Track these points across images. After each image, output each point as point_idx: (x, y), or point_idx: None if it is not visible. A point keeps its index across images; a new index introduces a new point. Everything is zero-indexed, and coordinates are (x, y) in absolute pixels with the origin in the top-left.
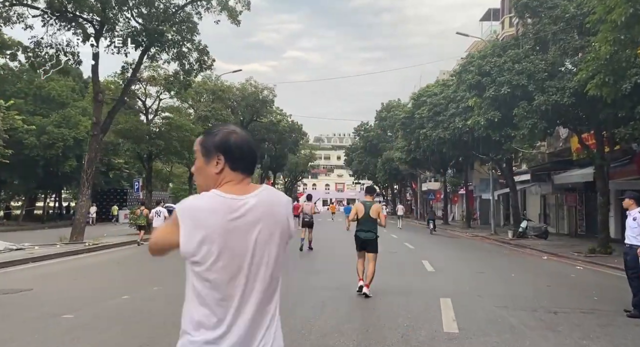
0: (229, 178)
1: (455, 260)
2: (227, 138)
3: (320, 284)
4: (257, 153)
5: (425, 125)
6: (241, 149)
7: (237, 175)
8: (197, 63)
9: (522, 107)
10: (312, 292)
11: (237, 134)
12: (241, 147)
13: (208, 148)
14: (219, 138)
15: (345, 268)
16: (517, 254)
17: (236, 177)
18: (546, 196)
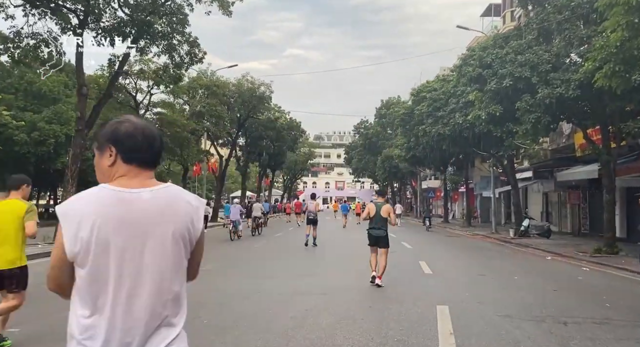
0: (122, 171)
1: (455, 261)
2: (117, 127)
3: (307, 288)
4: (158, 143)
5: (424, 121)
6: (134, 138)
7: (131, 168)
8: (187, 56)
9: (525, 101)
10: (296, 299)
11: (130, 122)
12: (134, 137)
13: (100, 140)
14: (109, 128)
15: (335, 270)
16: (519, 254)
17: (131, 170)
18: (548, 194)
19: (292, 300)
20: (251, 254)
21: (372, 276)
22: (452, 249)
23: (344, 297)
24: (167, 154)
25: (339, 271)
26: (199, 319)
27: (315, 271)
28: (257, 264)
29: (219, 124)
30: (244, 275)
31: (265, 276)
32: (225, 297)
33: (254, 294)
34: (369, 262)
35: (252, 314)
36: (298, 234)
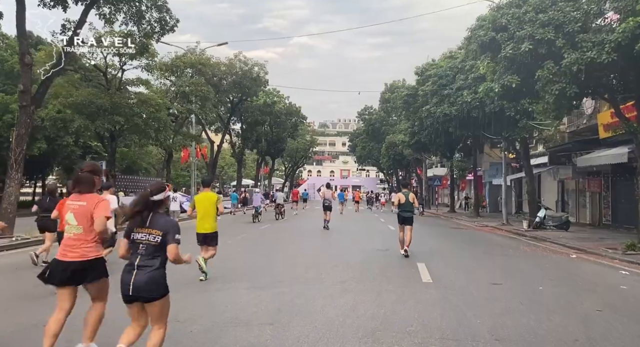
0: None
1: (461, 262)
2: None
3: (255, 312)
4: None
5: (429, 100)
6: None
7: None
8: (157, 24)
9: (547, 69)
10: (228, 334)
11: None
12: None
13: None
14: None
15: (305, 280)
16: (537, 251)
17: None
18: (565, 181)
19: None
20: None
21: (405, 249)
22: (459, 245)
23: (294, 333)
24: (140, 136)
25: (310, 282)
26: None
27: (278, 281)
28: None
29: (206, 105)
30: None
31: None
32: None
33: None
34: (398, 239)
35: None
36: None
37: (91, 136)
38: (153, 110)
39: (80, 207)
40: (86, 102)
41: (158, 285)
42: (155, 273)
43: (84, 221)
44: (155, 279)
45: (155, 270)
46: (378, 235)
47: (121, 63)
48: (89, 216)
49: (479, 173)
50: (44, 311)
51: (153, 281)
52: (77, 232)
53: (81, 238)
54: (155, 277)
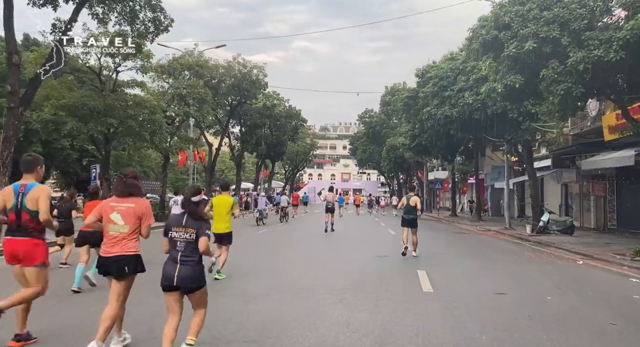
0: None
1: (464, 268)
2: None
3: (239, 329)
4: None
5: (429, 102)
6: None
7: None
8: (151, 24)
9: (552, 68)
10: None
11: None
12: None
13: None
14: None
15: (297, 290)
16: (542, 257)
17: None
18: (568, 185)
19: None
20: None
21: (405, 247)
22: (461, 251)
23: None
24: (134, 138)
25: (301, 295)
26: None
27: (270, 291)
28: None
29: (203, 108)
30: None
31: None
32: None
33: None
34: (402, 238)
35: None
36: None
37: (85, 139)
38: (148, 112)
39: (128, 208)
40: (79, 104)
41: (200, 277)
42: (197, 267)
43: (131, 221)
44: (197, 272)
45: (197, 264)
46: (378, 240)
47: (115, 64)
48: (136, 217)
49: (481, 176)
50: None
51: (196, 274)
52: (122, 230)
53: (125, 236)
54: (198, 270)
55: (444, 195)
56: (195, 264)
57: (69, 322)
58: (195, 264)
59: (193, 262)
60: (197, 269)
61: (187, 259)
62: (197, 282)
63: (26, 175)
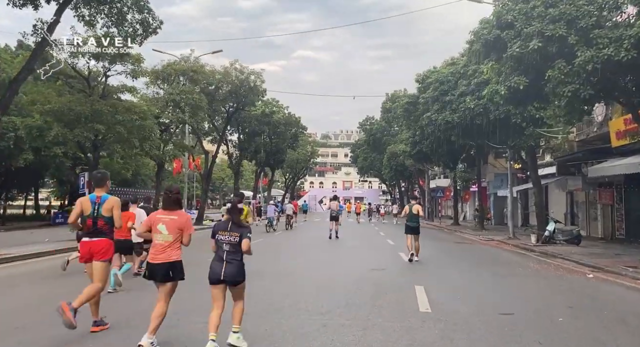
0: None
1: (465, 283)
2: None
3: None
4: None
5: (430, 107)
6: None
7: None
8: (139, 25)
9: (558, 68)
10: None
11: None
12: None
13: None
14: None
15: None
16: (549, 270)
17: None
18: (574, 193)
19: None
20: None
21: (411, 253)
22: (462, 263)
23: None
24: (122, 145)
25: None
26: None
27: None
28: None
29: (198, 114)
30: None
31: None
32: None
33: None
34: (406, 245)
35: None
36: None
37: (72, 145)
38: (137, 117)
39: (172, 220)
40: (64, 110)
41: (241, 273)
42: (240, 264)
43: (174, 231)
44: (240, 269)
45: (240, 262)
46: (375, 251)
47: (104, 69)
48: (178, 228)
49: (483, 184)
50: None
51: (239, 270)
52: (167, 239)
53: (169, 244)
54: (241, 267)
55: (446, 203)
56: (238, 262)
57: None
58: (238, 262)
59: (237, 261)
60: (239, 266)
61: (232, 259)
62: (239, 277)
63: (98, 188)
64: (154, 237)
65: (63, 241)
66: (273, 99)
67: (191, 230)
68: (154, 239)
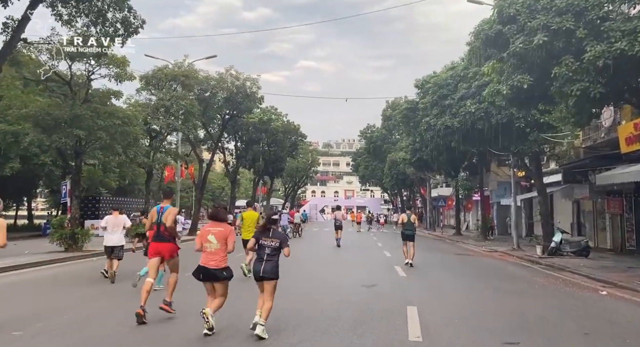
0: None
1: (464, 304)
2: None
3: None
4: None
5: (428, 112)
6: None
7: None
8: (120, 25)
9: (566, 65)
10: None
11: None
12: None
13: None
14: None
15: (243, 342)
16: (557, 285)
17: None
18: (580, 202)
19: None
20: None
21: (406, 262)
22: (463, 278)
23: None
24: (104, 151)
25: None
26: None
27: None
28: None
29: (189, 120)
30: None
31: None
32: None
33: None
34: (402, 251)
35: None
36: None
37: (52, 152)
38: (120, 122)
39: (219, 231)
40: (42, 114)
41: (276, 272)
42: (276, 264)
43: (221, 240)
44: (275, 268)
45: (276, 262)
46: (369, 264)
47: (88, 72)
48: (224, 237)
49: (486, 193)
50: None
51: (274, 269)
52: (216, 248)
53: (218, 252)
54: (276, 267)
55: (448, 213)
56: (275, 262)
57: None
58: (275, 263)
59: (274, 261)
60: (275, 265)
61: (270, 259)
62: (274, 275)
63: (165, 200)
64: (205, 247)
65: (44, 253)
66: (272, 107)
67: (234, 238)
68: (205, 248)
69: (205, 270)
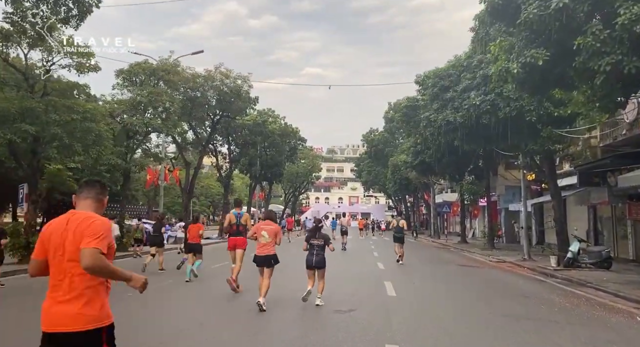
0: None
1: (464, 337)
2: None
3: None
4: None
5: (428, 107)
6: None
7: None
8: (74, 5)
9: (592, 34)
10: None
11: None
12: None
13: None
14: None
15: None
16: (582, 307)
17: None
18: (597, 207)
19: None
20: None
21: (397, 259)
22: (464, 296)
23: None
24: (61, 150)
25: None
26: None
27: None
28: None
29: (170, 119)
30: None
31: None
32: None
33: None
34: (394, 250)
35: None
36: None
37: (2, 151)
38: (79, 118)
39: (270, 229)
40: None
41: (323, 262)
42: (323, 257)
43: (271, 235)
44: (323, 259)
45: (322, 256)
46: (357, 278)
47: (46, 61)
48: (274, 233)
49: (493, 198)
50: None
51: (323, 260)
52: (267, 241)
53: (269, 244)
54: (323, 259)
55: (454, 219)
56: (322, 256)
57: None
58: (322, 256)
59: (321, 255)
60: (322, 258)
61: (318, 253)
62: (322, 265)
63: (237, 207)
64: (259, 239)
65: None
66: (269, 109)
67: (281, 235)
68: (259, 240)
69: (260, 257)
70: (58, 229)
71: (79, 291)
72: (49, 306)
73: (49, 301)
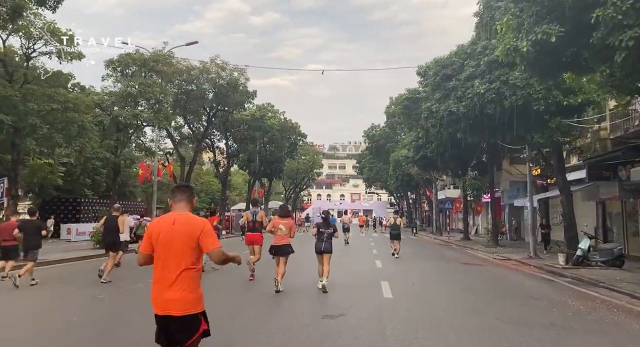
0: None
1: (470, 339)
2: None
3: None
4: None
5: (430, 97)
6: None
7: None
8: None
9: (613, 4)
10: None
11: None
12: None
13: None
14: None
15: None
16: (596, 309)
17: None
18: (606, 203)
19: None
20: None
21: (392, 253)
22: (467, 298)
23: None
24: (46, 142)
25: None
26: None
27: None
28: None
29: (161, 110)
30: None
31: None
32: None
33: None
34: (390, 246)
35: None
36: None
37: None
38: (60, 107)
39: (286, 222)
40: None
41: (331, 248)
42: (331, 243)
43: (288, 228)
44: (331, 246)
45: (330, 242)
46: (353, 277)
47: (26, 48)
48: (290, 227)
49: (497, 194)
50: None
51: (330, 246)
52: (284, 233)
53: (285, 235)
54: (331, 245)
55: (456, 216)
56: (330, 242)
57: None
58: (330, 242)
59: (329, 242)
60: (330, 244)
61: (327, 240)
62: (330, 250)
63: (254, 207)
64: (276, 231)
65: None
66: (268, 104)
67: (294, 228)
68: (276, 233)
69: (277, 247)
70: (165, 227)
71: (184, 281)
72: (160, 293)
73: (159, 288)
